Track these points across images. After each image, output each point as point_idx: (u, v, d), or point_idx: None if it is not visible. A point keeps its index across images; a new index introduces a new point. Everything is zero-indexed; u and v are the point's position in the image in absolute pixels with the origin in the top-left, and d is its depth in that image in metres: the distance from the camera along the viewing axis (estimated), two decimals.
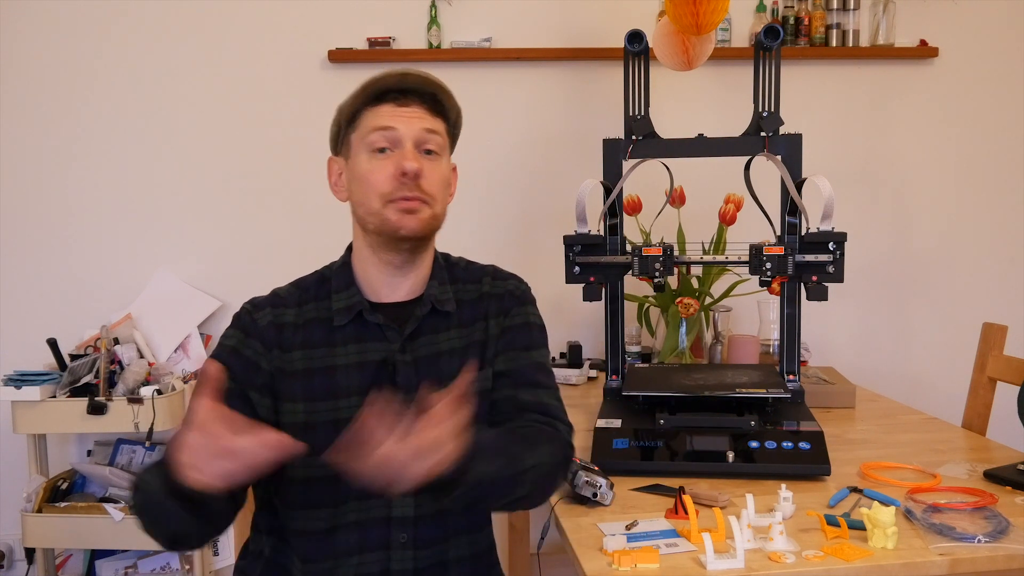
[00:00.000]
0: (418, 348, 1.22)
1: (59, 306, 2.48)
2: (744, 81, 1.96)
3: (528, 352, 1.28)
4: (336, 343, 1.21)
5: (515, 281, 1.33)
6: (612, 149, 1.82)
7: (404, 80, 1.20)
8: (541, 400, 1.25)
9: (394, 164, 1.17)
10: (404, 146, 1.17)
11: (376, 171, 1.18)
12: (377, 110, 1.19)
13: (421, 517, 1.19)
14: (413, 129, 1.18)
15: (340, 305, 1.23)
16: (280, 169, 2.50)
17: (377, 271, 1.23)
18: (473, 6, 2.50)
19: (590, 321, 2.52)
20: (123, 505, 2.18)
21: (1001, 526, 1.20)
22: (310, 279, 1.29)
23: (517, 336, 1.28)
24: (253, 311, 1.24)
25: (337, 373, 1.20)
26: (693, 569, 1.11)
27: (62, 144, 2.47)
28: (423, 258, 1.25)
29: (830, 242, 1.60)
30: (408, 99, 1.20)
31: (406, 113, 1.19)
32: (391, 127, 1.18)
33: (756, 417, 1.52)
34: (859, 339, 2.67)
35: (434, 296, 1.25)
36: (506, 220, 2.57)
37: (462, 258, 1.35)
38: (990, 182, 2.68)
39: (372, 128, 1.18)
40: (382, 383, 1.19)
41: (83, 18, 2.43)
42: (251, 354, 1.21)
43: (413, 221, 1.17)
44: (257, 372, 1.20)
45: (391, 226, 1.17)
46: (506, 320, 1.28)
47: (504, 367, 1.26)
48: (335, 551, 1.19)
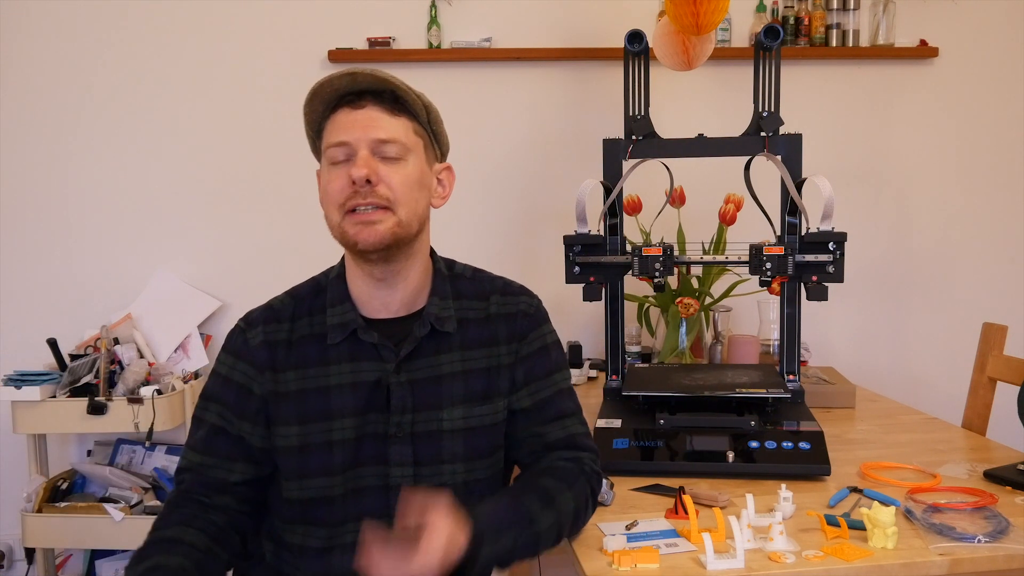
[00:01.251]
0: (415, 370, 1.18)
1: (59, 306, 2.49)
2: (744, 81, 1.96)
3: (551, 378, 1.24)
4: (330, 361, 1.18)
5: (526, 298, 1.27)
6: (612, 149, 1.82)
7: (355, 81, 1.13)
8: (568, 433, 1.22)
9: (347, 173, 1.12)
10: (359, 154, 1.12)
11: (332, 181, 1.13)
12: (335, 118, 1.14)
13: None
14: (366, 136, 1.12)
15: (334, 321, 1.19)
16: (280, 169, 2.50)
17: (363, 283, 1.19)
18: (473, 6, 2.50)
19: (590, 321, 2.52)
20: (123, 505, 2.18)
21: (1001, 526, 1.20)
22: (305, 288, 1.25)
23: (536, 364, 1.24)
24: (247, 329, 1.22)
25: (331, 393, 1.17)
26: (693, 569, 1.11)
27: (62, 144, 2.47)
28: (408, 268, 1.19)
29: (830, 242, 1.60)
30: (363, 100, 1.13)
31: (360, 119, 1.12)
32: (344, 142, 1.12)
33: (756, 417, 1.52)
34: (859, 339, 2.67)
35: (434, 315, 1.19)
36: (506, 220, 2.57)
37: (468, 266, 1.29)
38: (990, 182, 2.68)
39: (327, 143, 1.14)
40: (377, 404, 1.18)
41: (83, 18, 2.43)
42: (242, 379, 1.19)
43: (370, 234, 1.11)
44: (249, 398, 1.19)
45: (349, 239, 1.13)
46: (522, 347, 1.23)
47: (529, 403, 1.22)
48: (331, 571, 1.18)
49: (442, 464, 1.18)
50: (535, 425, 1.22)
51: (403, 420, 1.17)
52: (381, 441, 1.17)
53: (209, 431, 1.20)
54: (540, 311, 1.28)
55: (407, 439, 1.17)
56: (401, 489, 1.15)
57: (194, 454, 1.21)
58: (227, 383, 1.20)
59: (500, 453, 1.24)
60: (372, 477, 1.17)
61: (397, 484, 1.17)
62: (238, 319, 1.25)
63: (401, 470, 1.17)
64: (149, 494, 2.28)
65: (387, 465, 1.17)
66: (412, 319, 1.20)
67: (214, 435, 1.20)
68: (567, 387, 1.27)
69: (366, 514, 1.17)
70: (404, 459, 1.17)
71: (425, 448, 1.18)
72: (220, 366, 1.22)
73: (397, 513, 1.02)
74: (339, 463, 1.17)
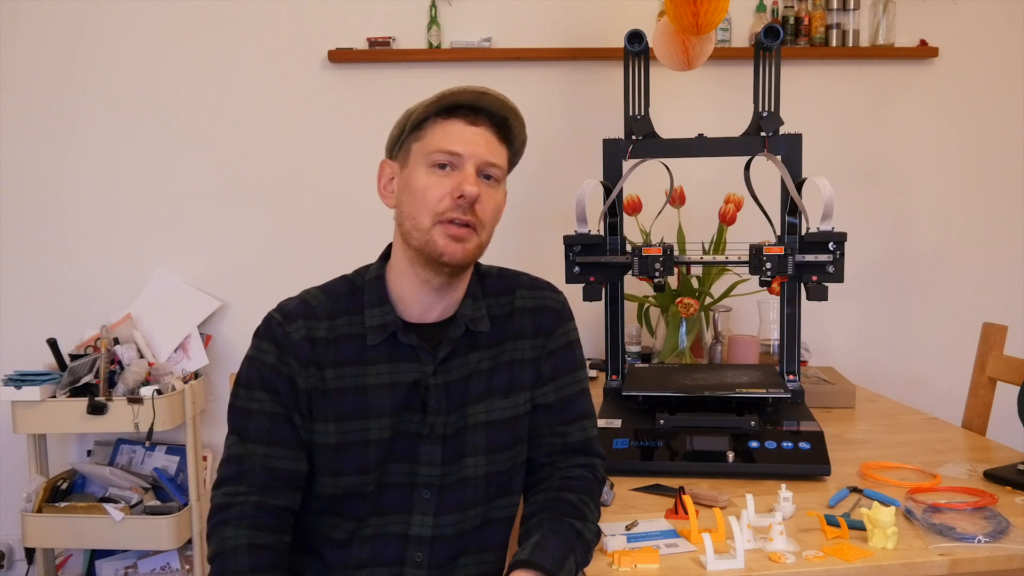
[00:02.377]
0: (450, 371, 1.19)
1: (59, 306, 2.49)
2: (744, 81, 1.96)
3: (575, 374, 1.26)
4: (368, 361, 1.18)
5: (551, 294, 1.28)
6: (612, 149, 1.82)
7: (480, 99, 1.15)
8: (587, 436, 1.25)
9: (453, 183, 1.12)
10: (465, 168, 1.13)
11: (433, 187, 1.13)
12: (446, 124, 1.15)
13: (439, 537, 1.19)
14: (478, 154, 1.14)
15: (374, 323, 1.18)
16: (280, 169, 2.50)
17: (413, 288, 1.19)
18: (473, 6, 2.50)
19: (590, 321, 2.51)
20: (123, 505, 2.18)
21: (1001, 526, 1.20)
22: (340, 287, 1.23)
23: (562, 360, 1.25)
24: (284, 323, 1.18)
25: (368, 393, 1.17)
26: (693, 569, 1.11)
27: (62, 144, 2.47)
28: (462, 280, 1.21)
29: (830, 242, 1.60)
30: (479, 119, 1.15)
31: (474, 135, 1.14)
32: (457, 153, 1.13)
33: (756, 417, 1.52)
34: (859, 339, 2.67)
35: (468, 316, 1.20)
36: (506, 220, 2.53)
37: (493, 266, 1.31)
38: (990, 182, 2.68)
39: (437, 147, 1.14)
40: (413, 405, 1.18)
41: (83, 18, 2.43)
42: (289, 372, 1.17)
43: (458, 250, 1.13)
44: (296, 390, 1.17)
45: (436, 249, 1.13)
46: (549, 342, 1.25)
47: (554, 398, 1.24)
48: (348, 563, 1.18)
49: (464, 458, 1.19)
50: (558, 424, 1.24)
51: (436, 421, 1.18)
52: (413, 440, 1.18)
53: (271, 419, 1.16)
54: (565, 307, 1.29)
55: (438, 440, 1.18)
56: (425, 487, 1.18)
57: (255, 446, 1.15)
58: (276, 372, 1.16)
59: (521, 446, 1.24)
60: (399, 474, 1.18)
61: (423, 483, 1.18)
62: (271, 310, 1.21)
63: (429, 469, 1.18)
64: (149, 494, 2.28)
65: (416, 463, 1.18)
66: (447, 323, 1.21)
67: (276, 423, 1.16)
68: (587, 387, 1.28)
69: (388, 509, 1.18)
70: (433, 459, 1.18)
71: (452, 447, 1.19)
72: (263, 355, 1.17)
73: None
74: (373, 461, 1.17)
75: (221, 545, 1.10)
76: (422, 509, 1.18)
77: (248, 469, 1.15)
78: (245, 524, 1.11)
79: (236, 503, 1.13)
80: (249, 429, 1.16)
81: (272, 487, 1.15)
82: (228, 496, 1.14)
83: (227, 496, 1.14)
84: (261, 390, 1.17)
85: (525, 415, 1.23)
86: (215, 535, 1.12)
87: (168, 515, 2.19)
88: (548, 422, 1.24)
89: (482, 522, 1.22)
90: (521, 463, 1.25)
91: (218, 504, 1.14)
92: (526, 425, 1.24)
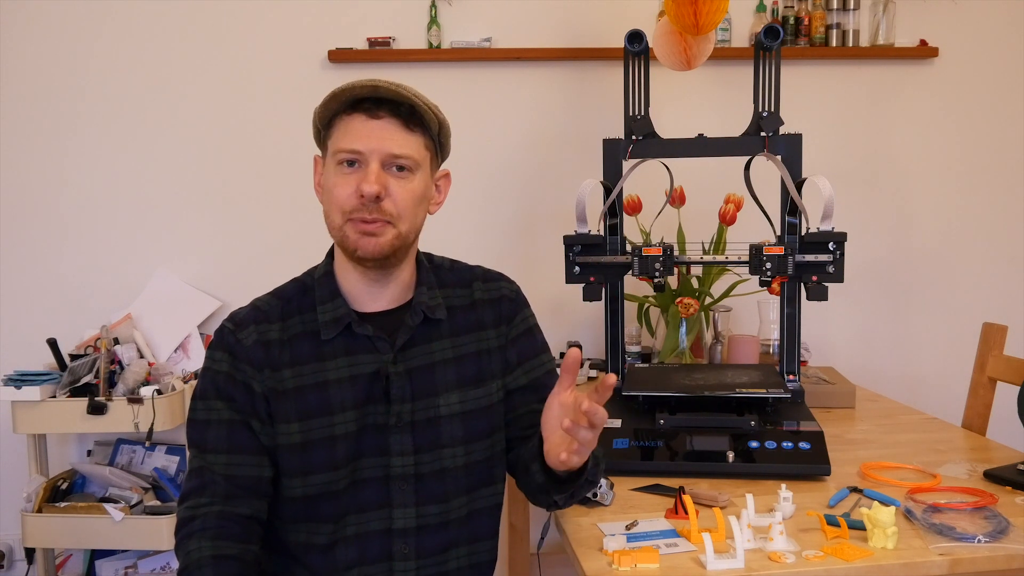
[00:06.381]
0: (411, 359, 1.21)
1: (59, 306, 2.48)
2: (744, 81, 1.96)
3: (539, 358, 1.30)
4: (325, 357, 1.19)
5: (506, 283, 1.31)
6: (612, 149, 1.82)
7: (376, 91, 1.14)
8: None
9: (356, 182, 1.13)
10: (369, 165, 1.13)
11: (340, 186, 1.14)
12: (348, 121, 1.15)
13: (423, 528, 1.19)
14: (381, 148, 1.13)
15: (326, 318, 1.20)
16: (280, 169, 2.50)
17: (356, 279, 1.21)
18: (473, 6, 2.50)
19: (590, 321, 2.52)
20: (123, 505, 2.18)
21: (1001, 526, 1.20)
22: (290, 289, 1.25)
23: (526, 345, 1.29)
24: (236, 330, 1.20)
25: (329, 388, 1.18)
26: (693, 569, 1.11)
27: (62, 144, 2.47)
28: (401, 269, 1.22)
29: (830, 242, 1.60)
30: (381, 110, 1.14)
31: (376, 129, 1.13)
32: (358, 151, 1.13)
33: (756, 417, 1.52)
34: (859, 339, 2.67)
35: (424, 304, 1.22)
36: (506, 220, 2.57)
37: (445, 258, 1.33)
38: (990, 182, 2.68)
39: (338, 147, 1.15)
40: (376, 396, 1.19)
41: (82, 18, 2.43)
42: (244, 378, 1.18)
43: (370, 243, 1.14)
44: (253, 396, 1.18)
45: (349, 245, 1.15)
46: (511, 330, 1.28)
47: (525, 381, 1.28)
48: (336, 566, 1.18)
49: (442, 448, 1.20)
50: (533, 403, 1.26)
51: (403, 409, 1.19)
52: (381, 432, 1.19)
53: (228, 427, 1.17)
54: (520, 295, 1.33)
55: (407, 428, 1.19)
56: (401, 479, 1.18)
57: (215, 455, 1.16)
58: (230, 380, 1.18)
59: (499, 434, 1.26)
60: (373, 468, 1.18)
61: (398, 474, 1.18)
62: (223, 320, 1.24)
63: (402, 459, 1.19)
64: (149, 494, 2.28)
65: (388, 455, 1.19)
66: (402, 310, 1.23)
67: (235, 430, 1.17)
68: (554, 367, 1.31)
69: (367, 505, 1.18)
70: (404, 448, 1.19)
71: (424, 435, 1.20)
72: (217, 364, 1.19)
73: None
74: (342, 457, 1.17)
75: (186, 559, 1.11)
76: (403, 501, 1.18)
77: (209, 480, 1.15)
78: (209, 535, 1.11)
79: (199, 515, 1.13)
80: (208, 440, 1.17)
81: (234, 496, 1.15)
82: (191, 509, 1.14)
83: (190, 509, 1.14)
84: (217, 399, 1.18)
85: (499, 403, 1.26)
86: (180, 549, 1.12)
87: (168, 515, 2.19)
88: (524, 402, 1.27)
89: (468, 512, 1.23)
90: (501, 451, 1.27)
91: (182, 518, 1.15)
92: (501, 413, 1.26)
